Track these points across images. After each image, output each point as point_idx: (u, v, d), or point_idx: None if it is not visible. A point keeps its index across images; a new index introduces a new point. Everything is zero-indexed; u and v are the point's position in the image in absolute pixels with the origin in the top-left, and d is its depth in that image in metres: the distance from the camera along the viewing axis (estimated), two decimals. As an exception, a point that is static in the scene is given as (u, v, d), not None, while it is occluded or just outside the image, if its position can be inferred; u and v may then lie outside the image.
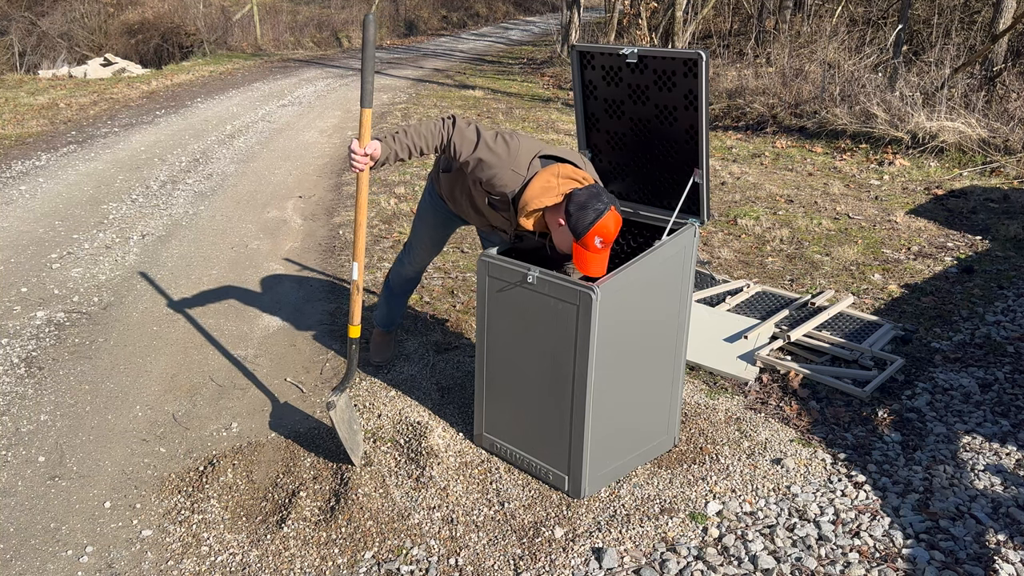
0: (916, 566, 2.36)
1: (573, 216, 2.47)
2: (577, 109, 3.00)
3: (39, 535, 2.53)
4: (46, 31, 16.63)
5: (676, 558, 2.41)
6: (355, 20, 20.35)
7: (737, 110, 9.53)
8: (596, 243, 2.47)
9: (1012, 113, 7.49)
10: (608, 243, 2.50)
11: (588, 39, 15.48)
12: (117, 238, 5.27)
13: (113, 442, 3.04)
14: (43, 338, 3.86)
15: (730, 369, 3.55)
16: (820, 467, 2.87)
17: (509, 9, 29.49)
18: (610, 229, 2.47)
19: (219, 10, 18.33)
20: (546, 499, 2.68)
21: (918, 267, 4.81)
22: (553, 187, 2.54)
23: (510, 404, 2.79)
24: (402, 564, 2.40)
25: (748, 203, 6.20)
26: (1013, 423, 3.13)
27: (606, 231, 2.46)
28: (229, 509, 2.66)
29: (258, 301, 4.33)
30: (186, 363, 3.66)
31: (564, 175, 2.56)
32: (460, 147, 2.63)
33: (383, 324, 3.63)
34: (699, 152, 2.67)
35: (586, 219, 2.44)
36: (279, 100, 10.92)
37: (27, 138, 8.18)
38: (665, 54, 2.59)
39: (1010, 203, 6.00)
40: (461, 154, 2.63)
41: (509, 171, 2.59)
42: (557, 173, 2.56)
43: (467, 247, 5.17)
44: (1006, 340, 3.82)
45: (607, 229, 2.46)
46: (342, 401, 2.77)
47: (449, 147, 2.65)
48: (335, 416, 2.71)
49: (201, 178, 6.84)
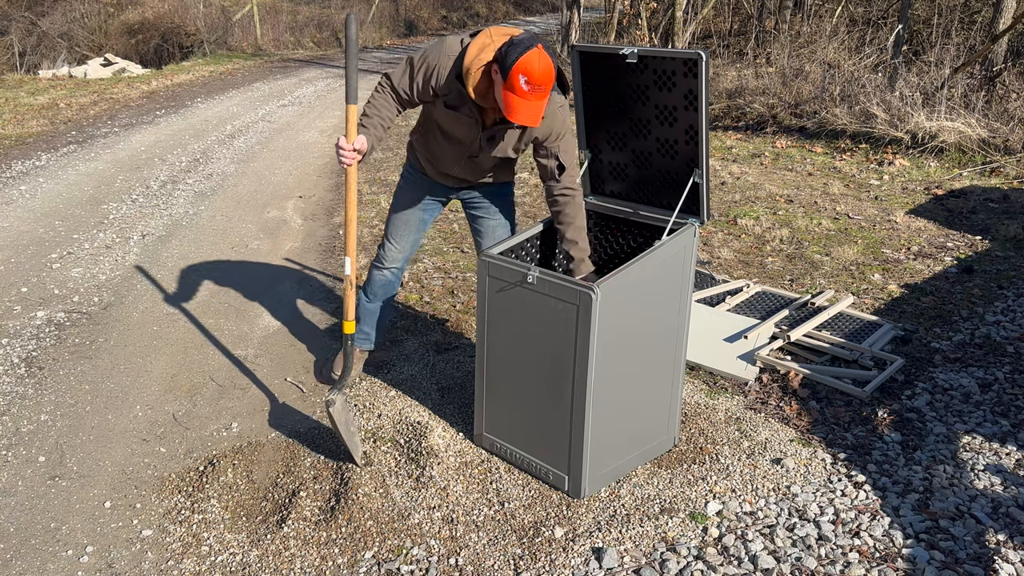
0: (916, 566, 2.36)
1: (500, 59, 2.45)
2: (577, 109, 3.00)
3: (39, 535, 2.54)
4: (46, 31, 16.64)
5: (676, 558, 2.41)
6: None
7: (737, 110, 9.53)
8: (521, 83, 2.40)
9: (1012, 113, 7.50)
10: (535, 85, 2.41)
11: (588, 39, 15.47)
12: (117, 238, 5.27)
13: (113, 442, 3.04)
14: (43, 338, 3.86)
15: (730, 369, 3.55)
16: (820, 467, 2.87)
17: (509, 9, 29.49)
18: (534, 66, 2.38)
19: (219, 10, 18.34)
20: (546, 499, 2.68)
21: (918, 267, 4.81)
22: (489, 44, 2.57)
23: (510, 404, 2.79)
24: (402, 564, 2.40)
25: (748, 203, 6.20)
26: (1013, 423, 3.13)
27: (529, 67, 2.38)
28: (229, 509, 2.66)
29: (258, 301, 4.34)
30: (186, 363, 3.66)
31: (499, 33, 2.59)
32: (402, 75, 2.75)
33: (362, 341, 3.43)
34: (699, 152, 2.67)
35: (510, 57, 2.40)
36: (279, 100, 10.92)
37: (27, 138, 8.18)
38: (665, 54, 2.60)
39: (1010, 203, 6.00)
40: (406, 77, 2.74)
41: (446, 56, 2.66)
42: (490, 33, 2.61)
43: (467, 247, 5.18)
44: (1006, 340, 3.83)
45: (530, 65, 2.38)
46: (340, 400, 2.77)
47: (398, 89, 2.76)
48: (335, 414, 2.70)
49: (201, 178, 6.84)
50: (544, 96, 2.46)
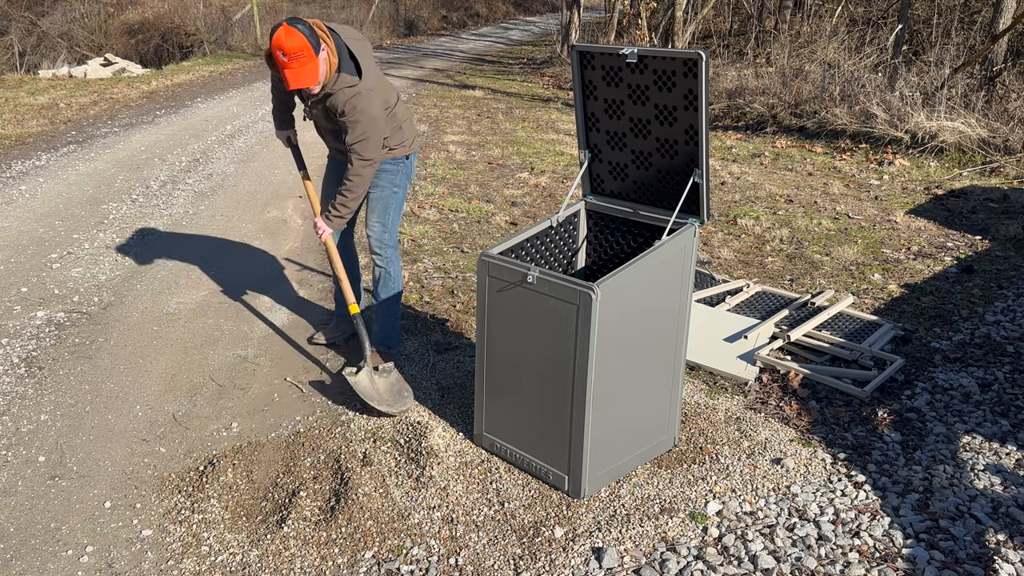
0: (916, 566, 2.36)
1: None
2: (577, 109, 3.01)
3: (39, 535, 2.54)
4: (46, 31, 16.63)
5: (676, 558, 2.41)
6: (355, 20, 20.35)
7: (737, 110, 9.53)
8: (280, 56, 2.82)
9: (1012, 113, 7.50)
10: (288, 54, 2.81)
11: (588, 39, 15.48)
12: (117, 238, 5.27)
13: (113, 442, 3.04)
14: (43, 338, 3.86)
15: (730, 369, 3.55)
16: (820, 467, 2.87)
17: (509, 9, 29.48)
18: (282, 40, 2.79)
19: (219, 10, 18.34)
20: (546, 499, 2.68)
21: (918, 267, 4.81)
22: None
23: (510, 404, 2.79)
24: (402, 564, 2.40)
25: (748, 203, 6.20)
26: (1013, 423, 3.13)
27: (278, 42, 2.80)
28: (229, 509, 2.66)
29: (258, 301, 4.34)
30: (186, 363, 3.66)
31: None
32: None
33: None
34: (699, 152, 2.67)
35: (270, 41, 2.85)
36: (279, 100, 10.91)
37: (27, 138, 8.18)
38: (665, 54, 2.60)
39: (1010, 203, 6.00)
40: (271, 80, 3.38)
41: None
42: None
43: (467, 247, 5.18)
44: (1006, 340, 3.83)
45: (279, 40, 2.80)
46: (363, 374, 3.10)
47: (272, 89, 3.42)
48: (357, 383, 3.04)
49: (201, 178, 6.84)
50: (303, 62, 2.85)
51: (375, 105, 3.06)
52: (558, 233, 3.07)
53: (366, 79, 3.06)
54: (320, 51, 2.90)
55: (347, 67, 3.03)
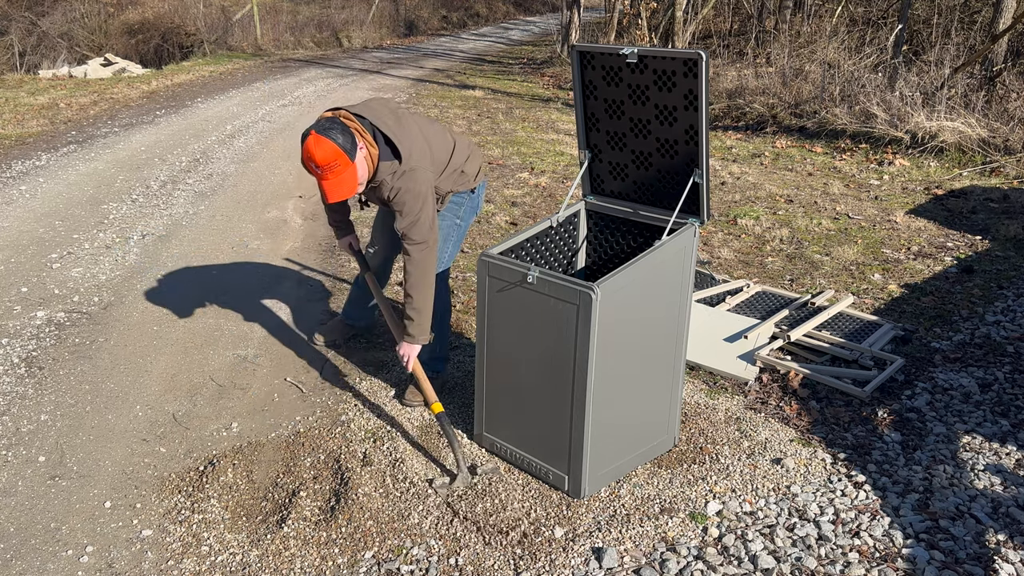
0: (916, 566, 2.36)
1: None
2: (577, 109, 3.00)
3: (39, 535, 2.54)
4: (46, 31, 16.63)
5: (676, 558, 2.41)
6: (355, 20, 20.35)
7: (737, 110, 9.53)
8: (314, 168, 2.69)
9: (1012, 113, 7.50)
10: (318, 165, 2.67)
11: (588, 39, 15.48)
12: (117, 238, 5.27)
13: (113, 442, 3.04)
14: (43, 338, 3.86)
15: (730, 369, 3.55)
16: (820, 467, 2.87)
17: (509, 9, 29.47)
18: (310, 152, 2.66)
19: (219, 10, 18.34)
20: (546, 499, 2.68)
21: (918, 267, 4.81)
22: None
23: (510, 404, 2.79)
24: (402, 564, 2.40)
25: (748, 203, 6.20)
26: (1013, 423, 3.13)
27: (307, 153, 2.67)
28: (229, 509, 2.66)
29: (258, 301, 4.34)
30: (186, 363, 3.66)
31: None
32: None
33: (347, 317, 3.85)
34: (699, 152, 2.67)
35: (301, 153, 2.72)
36: (279, 100, 10.92)
37: (27, 138, 8.18)
38: (665, 54, 2.60)
39: (1010, 203, 6.00)
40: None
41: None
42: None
43: (467, 247, 5.18)
44: (1006, 340, 3.83)
45: (306, 153, 2.68)
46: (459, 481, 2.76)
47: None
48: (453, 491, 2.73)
49: (201, 178, 6.84)
50: (338, 171, 2.70)
51: (420, 182, 2.84)
52: (558, 233, 3.07)
53: (407, 160, 2.84)
54: (356, 153, 2.73)
55: (385, 154, 2.83)
